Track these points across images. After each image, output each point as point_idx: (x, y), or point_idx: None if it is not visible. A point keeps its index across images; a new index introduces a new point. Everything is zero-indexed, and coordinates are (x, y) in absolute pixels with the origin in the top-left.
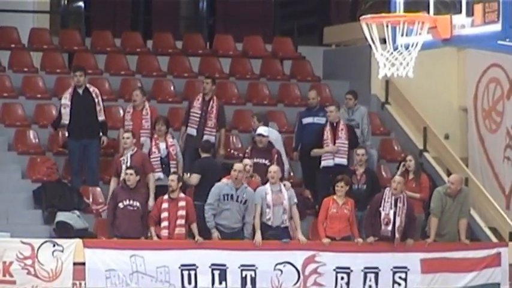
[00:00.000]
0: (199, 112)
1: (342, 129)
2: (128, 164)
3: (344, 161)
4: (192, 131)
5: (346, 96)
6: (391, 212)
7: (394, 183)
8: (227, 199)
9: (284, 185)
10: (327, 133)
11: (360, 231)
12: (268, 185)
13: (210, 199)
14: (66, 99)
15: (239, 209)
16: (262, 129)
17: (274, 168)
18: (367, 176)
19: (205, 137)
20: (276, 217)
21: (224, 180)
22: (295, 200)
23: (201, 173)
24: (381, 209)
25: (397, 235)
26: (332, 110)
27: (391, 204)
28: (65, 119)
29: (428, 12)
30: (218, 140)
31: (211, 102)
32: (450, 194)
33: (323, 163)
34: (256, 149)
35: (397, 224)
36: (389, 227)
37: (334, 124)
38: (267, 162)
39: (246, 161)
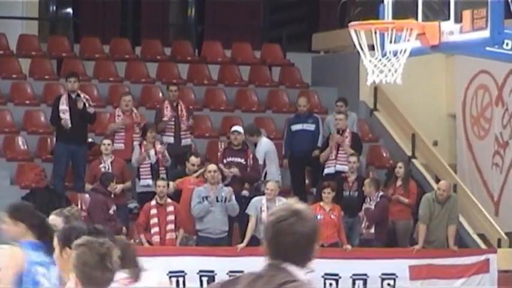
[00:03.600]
0: (173, 119)
1: (347, 137)
2: (110, 170)
3: (345, 168)
4: (170, 139)
5: (337, 104)
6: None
7: (364, 187)
8: (207, 200)
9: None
10: (332, 139)
11: (348, 237)
12: (264, 199)
13: (192, 203)
14: (63, 105)
15: (222, 209)
16: (237, 127)
17: (272, 185)
18: (358, 183)
19: (183, 142)
20: None
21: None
22: None
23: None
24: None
25: (363, 231)
26: (341, 118)
27: (367, 204)
28: (66, 124)
29: (417, 19)
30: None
31: (179, 107)
32: (439, 201)
33: (326, 170)
34: (229, 149)
35: (364, 220)
36: (362, 225)
37: (341, 132)
38: (242, 161)
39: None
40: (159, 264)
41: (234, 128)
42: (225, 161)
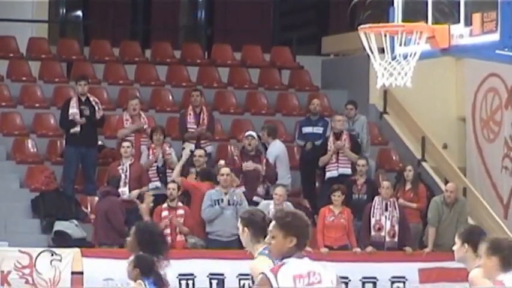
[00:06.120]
0: (195, 127)
1: (345, 139)
2: (127, 174)
3: (348, 171)
4: (191, 146)
5: (347, 107)
6: (382, 218)
7: (382, 188)
8: (219, 204)
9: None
10: (331, 143)
11: (358, 241)
12: (272, 204)
13: (203, 206)
14: (74, 108)
15: (233, 212)
16: (251, 132)
17: (280, 190)
18: (367, 186)
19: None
20: None
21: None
22: None
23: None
24: (371, 216)
25: (387, 239)
26: (340, 119)
27: (381, 210)
28: (80, 121)
29: (427, 22)
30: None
31: (201, 114)
32: (447, 203)
33: (328, 174)
34: (245, 154)
35: (388, 228)
36: (382, 233)
37: (338, 134)
38: (257, 166)
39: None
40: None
41: (248, 132)
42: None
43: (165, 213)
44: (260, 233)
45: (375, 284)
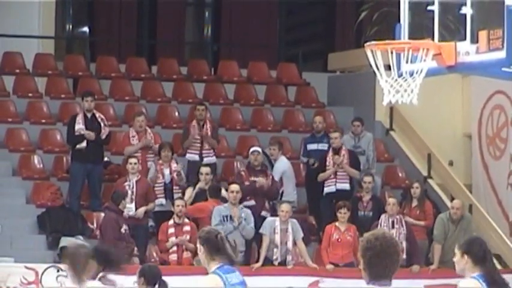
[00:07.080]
0: (198, 137)
1: (344, 155)
2: (134, 190)
3: (347, 186)
4: (194, 157)
5: (354, 123)
6: None
7: (388, 205)
8: (227, 220)
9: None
10: (329, 159)
11: None
12: (277, 220)
13: (213, 222)
14: (80, 124)
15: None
16: (256, 147)
17: (285, 207)
18: (373, 203)
19: (205, 160)
20: (282, 257)
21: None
22: (302, 235)
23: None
24: None
25: None
26: (336, 136)
27: (388, 227)
28: (83, 144)
29: (433, 39)
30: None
31: (205, 126)
32: (453, 220)
33: (326, 189)
34: (251, 169)
35: None
36: None
37: (337, 150)
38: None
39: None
40: (176, 283)
41: (254, 148)
42: (247, 182)
43: (171, 230)
44: (214, 252)
45: None
